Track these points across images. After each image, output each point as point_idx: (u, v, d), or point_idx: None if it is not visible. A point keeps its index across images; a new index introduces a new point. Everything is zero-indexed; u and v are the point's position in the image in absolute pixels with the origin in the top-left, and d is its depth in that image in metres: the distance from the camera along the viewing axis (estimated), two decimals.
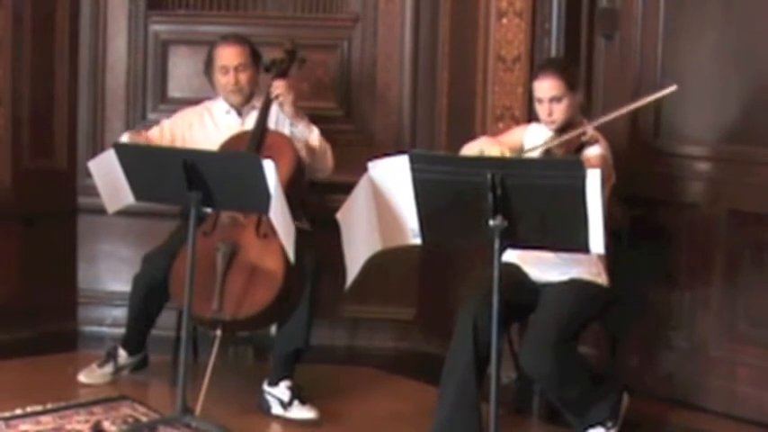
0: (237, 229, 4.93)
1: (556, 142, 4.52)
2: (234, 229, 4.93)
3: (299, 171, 5.06)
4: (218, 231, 4.96)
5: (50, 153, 5.97)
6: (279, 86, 5.20)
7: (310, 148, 5.18)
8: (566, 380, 4.52)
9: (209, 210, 4.93)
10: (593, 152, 4.51)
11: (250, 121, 5.24)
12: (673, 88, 4.53)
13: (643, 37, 5.34)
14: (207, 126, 5.32)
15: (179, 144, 5.25)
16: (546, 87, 4.60)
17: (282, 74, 5.28)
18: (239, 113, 5.32)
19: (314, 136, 5.22)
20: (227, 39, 5.29)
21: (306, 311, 4.89)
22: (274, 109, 5.22)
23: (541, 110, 4.64)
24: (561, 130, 4.59)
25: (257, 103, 5.26)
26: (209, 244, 4.88)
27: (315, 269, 4.91)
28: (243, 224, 4.93)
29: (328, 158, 5.27)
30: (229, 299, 4.76)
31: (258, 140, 5.06)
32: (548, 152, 4.53)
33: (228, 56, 5.24)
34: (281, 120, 5.25)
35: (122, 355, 5.30)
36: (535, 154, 4.53)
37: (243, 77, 5.25)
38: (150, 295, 5.13)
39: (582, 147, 4.52)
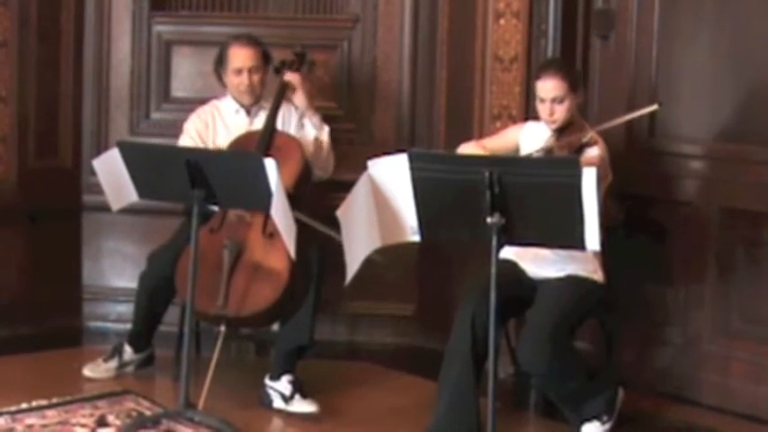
0: (244, 228, 4.96)
1: (558, 144, 4.56)
2: (241, 227, 4.96)
3: (307, 172, 5.11)
4: (225, 229, 4.98)
5: (55, 152, 6.01)
6: (293, 77, 5.26)
7: (319, 144, 5.22)
8: (562, 375, 4.56)
9: (215, 207, 4.97)
10: (593, 153, 4.55)
11: (258, 122, 5.27)
12: (654, 107, 4.62)
13: (638, 37, 5.37)
14: (217, 125, 5.35)
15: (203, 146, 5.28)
16: (549, 87, 4.63)
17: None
18: (248, 113, 5.35)
19: (325, 133, 5.28)
20: (240, 39, 5.30)
21: (310, 308, 4.93)
22: (281, 110, 5.26)
23: (543, 109, 4.67)
24: (561, 130, 4.64)
25: (266, 103, 5.29)
26: (216, 241, 4.92)
27: (320, 267, 4.95)
28: (250, 222, 4.96)
29: (331, 161, 5.32)
30: (234, 296, 4.79)
31: (267, 141, 5.10)
32: (550, 153, 4.58)
33: (243, 57, 5.26)
34: (287, 120, 5.30)
35: (128, 351, 5.33)
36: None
37: (256, 78, 5.27)
38: (156, 293, 5.17)
39: (582, 148, 4.56)
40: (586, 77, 5.45)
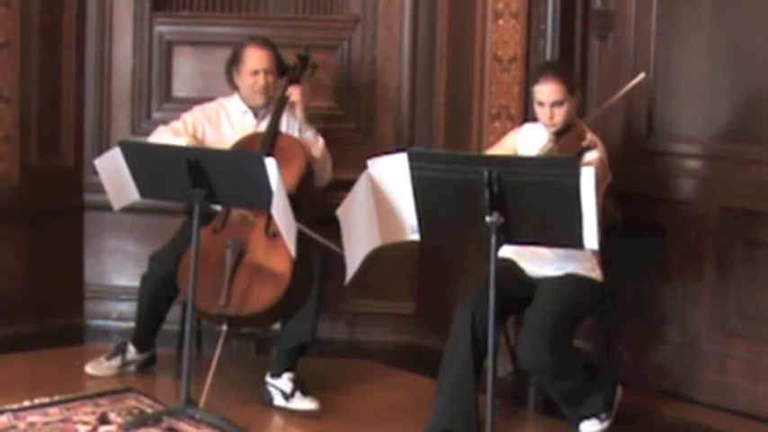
0: (247, 228, 4.98)
1: (558, 150, 4.57)
2: (244, 227, 4.98)
3: (309, 174, 5.13)
4: (228, 229, 5.00)
5: (57, 151, 6.03)
6: (295, 92, 5.29)
7: (313, 157, 5.24)
8: (561, 373, 4.59)
9: (217, 207, 4.99)
10: (592, 156, 4.56)
11: (265, 124, 5.28)
12: (641, 76, 4.63)
13: (636, 38, 5.39)
14: (222, 124, 5.37)
15: (198, 136, 5.30)
16: (548, 92, 4.64)
17: (296, 79, 5.36)
18: (255, 115, 5.37)
19: (318, 146, 5.29)
20: (256, 41, 5.32)
21: (313, 307, 4.94)
22: (285, 113, 5.28)
23: (542, 113, 4.67)
24: (560, 132, 4.65)
25: (273, 106, 5.31)
26: (219, 241, 4.93)
27: (322, 266, 4.96)
28: (253, 223, 4.98)
29: (327, 170, 5.32)
30: (236, 295, 4.80)
31: (271, 142, 5.11)
32: None
33: (260, 59, 5.26)
34: (290, 124, 5.32)
35: (131, 350, 5.34)
36: None
37: (271, 80, 5.29)
38: (158, 293, 5.19)
39: (582, 152, 4.55)
40: (585, 78, 5.48)
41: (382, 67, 6.07)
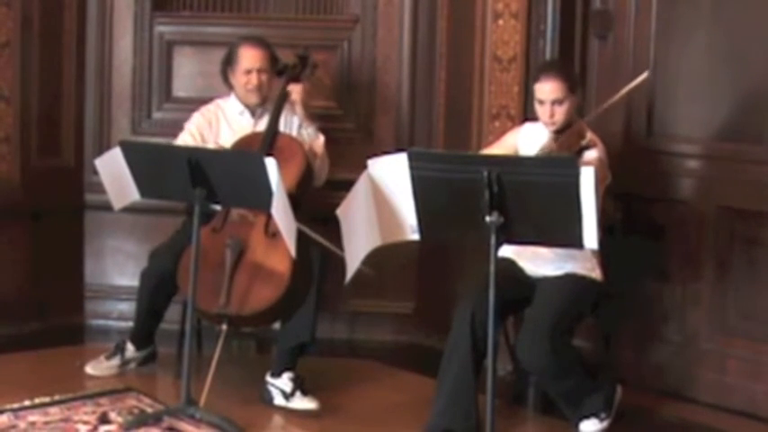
0: (247, 227, 4.98)
1: (557, 148, 4.57)
2: (243, 227, 4.99)
3: (308, 174, 5.13)
4: (228, 228, 5.01)
5: (58, 151, 6.04)
6: (296, 90, 5.30)
7: (313, 153, 5.25)
8: (560, 372, 4.59)
9: (217, 207, 5.00)
10: (592, 155, 4.57)
11: (263, 123, 5.29)
12: (644, 75, 4.64)
13: (636, 38, 5.40)
14: (221, 125, 5.38)
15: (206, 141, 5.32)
16: (548, 90, 4.64)
17: (295, 78, 5.37)
18: (252, 114, 5.38)
19: (319, 143, 5.31)
20: (250, 40, 5.35)
21: (312, 306, 4.95)
22: (284, 113, 5.29)
23: (542, 111, 4.68)
24: (560, 131, 4.64)
25: (271, 106, 5.31)
26: (219, 240, 4.94)
27: (321, 266, 4.97)
28: (252, 222, 4.99)
29: (325, 169, 5.33)
30: (236, 295, 4.80)
31: (270, 142, 5.12)
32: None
33: (253, 58, 5.29)
34: (288, 123, 5.33)
35: (130, 349, 5.35)
36: None
37: (264, 78, 5.31)
38: (158, 290, 5.19)
39: (581, 151, 4.56)
40: (584, 78, 5.48)
41: (382, 68, 6.08)
